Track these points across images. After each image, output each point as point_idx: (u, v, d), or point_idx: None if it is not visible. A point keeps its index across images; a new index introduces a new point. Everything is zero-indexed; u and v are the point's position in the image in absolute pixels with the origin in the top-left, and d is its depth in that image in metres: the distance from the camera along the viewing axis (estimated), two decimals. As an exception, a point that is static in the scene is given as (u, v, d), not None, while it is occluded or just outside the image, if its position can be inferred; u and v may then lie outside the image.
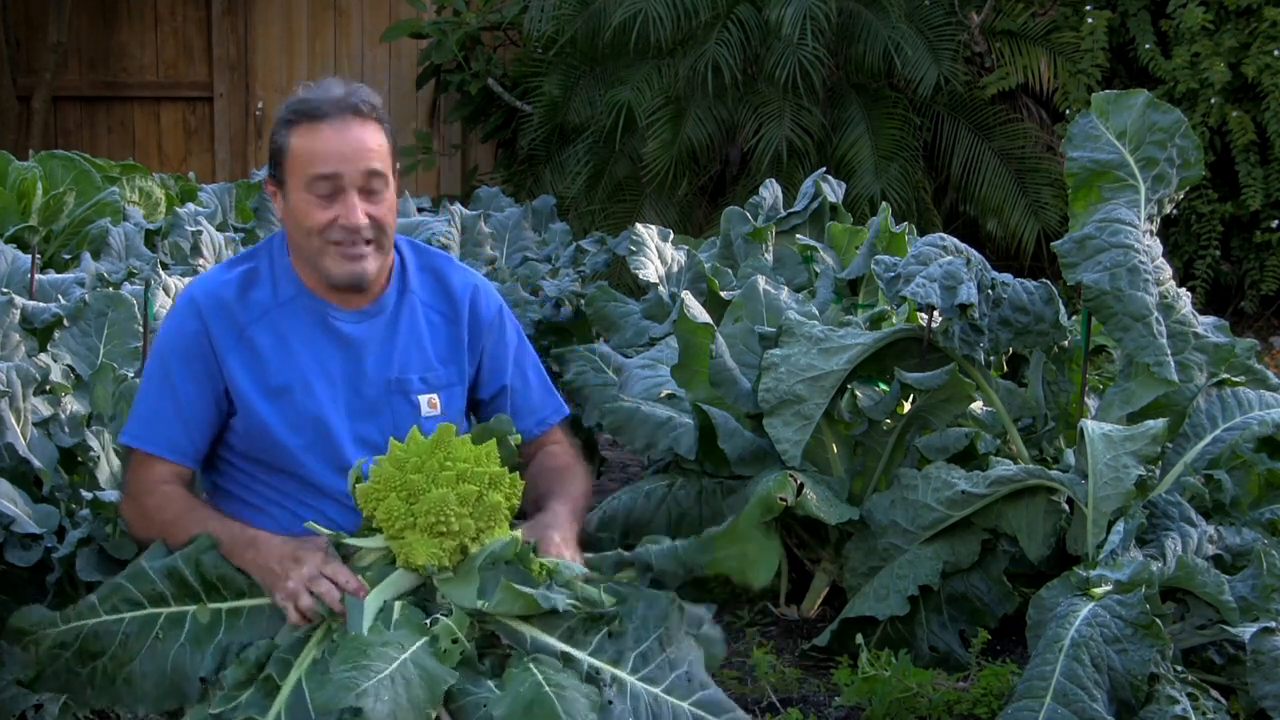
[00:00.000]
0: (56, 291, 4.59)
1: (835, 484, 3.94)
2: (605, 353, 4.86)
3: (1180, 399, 3.74)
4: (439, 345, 2.69)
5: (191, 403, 2.57)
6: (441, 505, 2.31)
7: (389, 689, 2.13)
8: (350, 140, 2.53)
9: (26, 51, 11.18)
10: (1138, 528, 3.31)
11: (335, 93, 2.56)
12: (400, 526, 2.34)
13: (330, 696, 2.12)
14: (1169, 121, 3.85)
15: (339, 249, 2.55)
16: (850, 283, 4.81)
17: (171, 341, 2.60)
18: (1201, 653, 3.35)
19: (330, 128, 2.53)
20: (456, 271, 2.77)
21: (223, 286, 2.61)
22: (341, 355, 2.61)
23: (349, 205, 2.53)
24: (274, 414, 2.56)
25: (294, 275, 2.63)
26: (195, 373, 2.57)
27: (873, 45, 8.78)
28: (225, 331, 2.58)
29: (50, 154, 7.27)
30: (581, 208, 9.34)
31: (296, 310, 2.61)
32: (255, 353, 2.58)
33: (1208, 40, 8.47)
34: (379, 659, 2.17)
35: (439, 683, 2.19)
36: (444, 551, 2.33)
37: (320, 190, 2.53)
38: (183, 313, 2.61)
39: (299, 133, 2.54)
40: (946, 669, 3.70)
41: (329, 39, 11.34)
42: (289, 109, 2.57)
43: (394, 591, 2.35)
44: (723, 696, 2.31)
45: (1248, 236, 8.82)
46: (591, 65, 9.58)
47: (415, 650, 2.22)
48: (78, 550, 3.00)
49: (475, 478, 2.36)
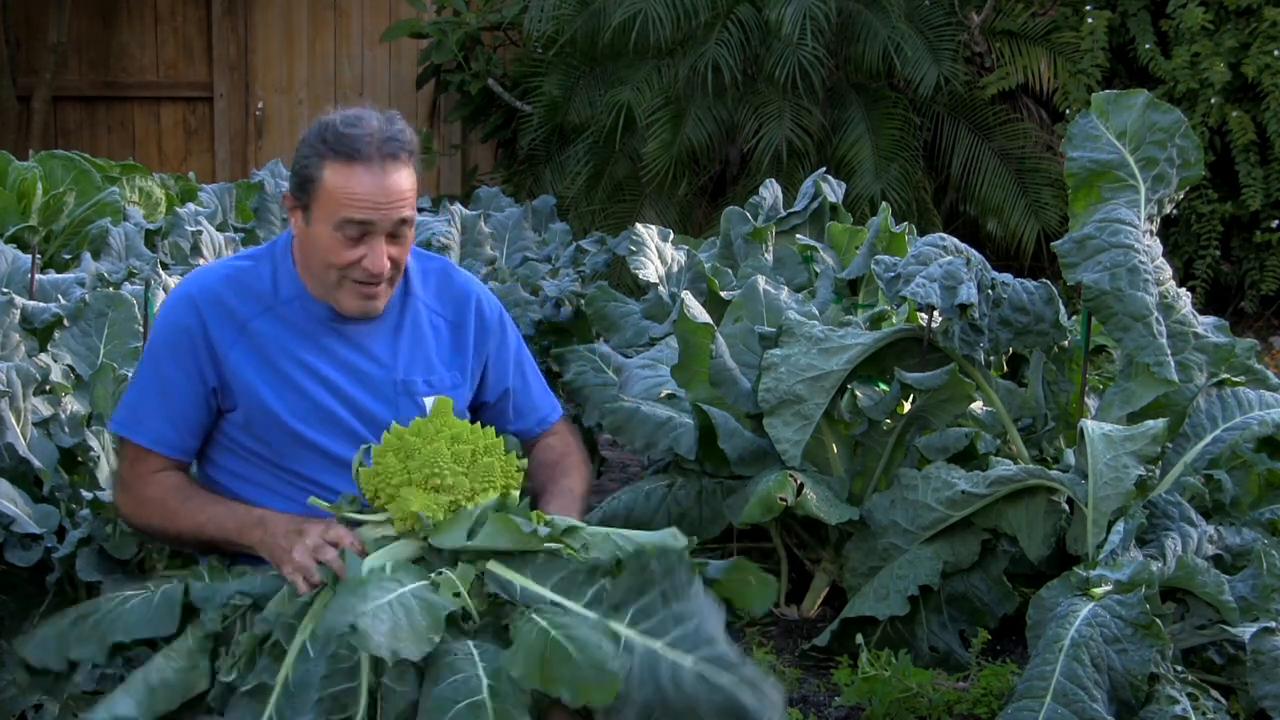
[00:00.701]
0: (56, 291, 4.59)
1: (835, 484, 3.94)
2: (605, 353, 4.86)
3: (1180, 399, 3.74)
4: (443, 349, 2.71)
5: (181, 397, 2.57)
6: (435, 459, 2.33)
7: (388, 612, 2.13)
8: (387, 188, 2.50)
9: (26, 51, 11.17)
10: (1138, 528, 3.31)
11: (374, 128, 2.51)
12: (397, 483, 2.35)
13: (331, 621, 2.11)
14: (1169, 121, 3.85)
15: (357, 287, 2.56)
16: (850, 283, 4.81)
17: (165, 336, 2.59)
18: (1201, 653, 3.35)
19: (368, 172, 2.49)
20: (459, 277, 2.78)
21: (221, 282, 2.61)
22: (347, 351, 2.62)
23: (376, 252, 2.52)
24: (281, 402, 2.56)
25: (296, 279, 2.63)
26: (186, 368, 2.56)
27: (873, 45, 8.78)
28: (225, 327, 2.57)
29: (50, 154, 7.28)
30: (581, 208, 9.34)
31: (297, 311, 2.61)
32: (260, 345, 2.58)
33: (1208, 40, 8.47)
34: (378, 590, 2.17)
35: (440, 610, 2.18)
36: (439, 506, 2.34)
37: (349, 233, 2.51)
38: (178, 308, 2.60)
39: (334, 168, 2.50)
40: (946, 669, 3.70)
41: (329, 39, 11.33)
42: (325, 138, 2.52)
43: (393, 558, 2.35)
44: (733, 653, 2.11)
45: (1248, 236, 8.82)
46: (591, 65, 9.58)
47: (415, 586, 2.22)
48: (78, 550, 3.00)
49: (470, 440, 2.38)
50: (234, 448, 2.64)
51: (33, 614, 3.12)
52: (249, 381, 2.56)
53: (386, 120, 2.55)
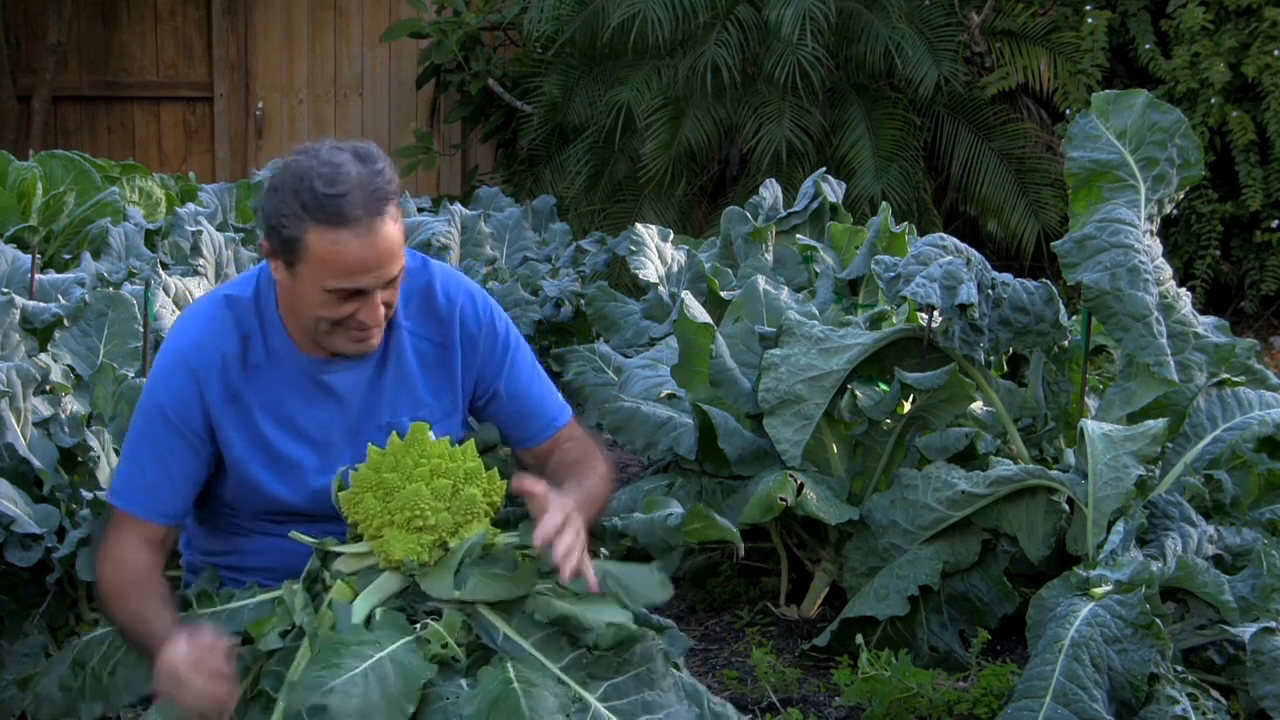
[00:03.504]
0: (56, 291, 4.59)
1: (835, 484, 3.94)
2: (605, 353, 4.86)
3: (1180, 399, 3.74)
4: (430, 377, 2.62)
5: (180, 464, 2.49)
6: (415, 500, 2.31)
7: (360, 686, 2.11)
8: (378, 251, 2.36)
9: (26, 51, 11.17)
10: (1138, 528, 3.31)
11: (354, 182, 2.34)
12: (378, 525, 2.34)
13: (298, 697, 2.10)
14: (1169, 121, 3.85)
15: (351, 334, 2.45)
16: (850, 283, 4.81)
17: (161, 403, 2.49)
18: (1201, 653, 3.35)
19: (356, 238, 2.34)
20: (441, 290, 2.63)
21: (217, 339, 2.50)
22: (333, 409, 2.55)
23: (371, 305, 2.41)
24: (269, 476, 2.52)
25: (282, 330, 2.53)
26: (185, 436, 2.49)
27: (873, 45, 8.78)
28: (219, 394, 2.49)
29: (50, 154, 7.28)
30: (581, 208, 9.34)
31: (287, 368, 2.53)
32: (248, 416, 2.51)
33: (1208, 40, 8.47)
34: (353, 656, 2.16)
35: (416, 678, 2.17)
36: (422, 547, 2.32)
37: (341, 296, 2.40)
38: (174, 371, 2.50)
39: (319, 233, 2.34)
40: (946, 669, 3.70)
41: (329, 39, 11.33)
42: (305, 200, 2.34)
43: (380, 595, 2.33)
44: None
45: (1248, 236, 8.82)
46: (591, 65, 9.58)
47: (395, 648, 2.20)
48: (78, 550, 3.00)
49: (449, 472, 2.35)
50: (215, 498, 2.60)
51: (33, 614, 3.12)
52: (236, 451, 2.51)
53: (366, 166, 2.37)
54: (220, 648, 2.23)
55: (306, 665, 2.18)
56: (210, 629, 2.29)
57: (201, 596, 2.47)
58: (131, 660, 2.40)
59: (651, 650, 2.27)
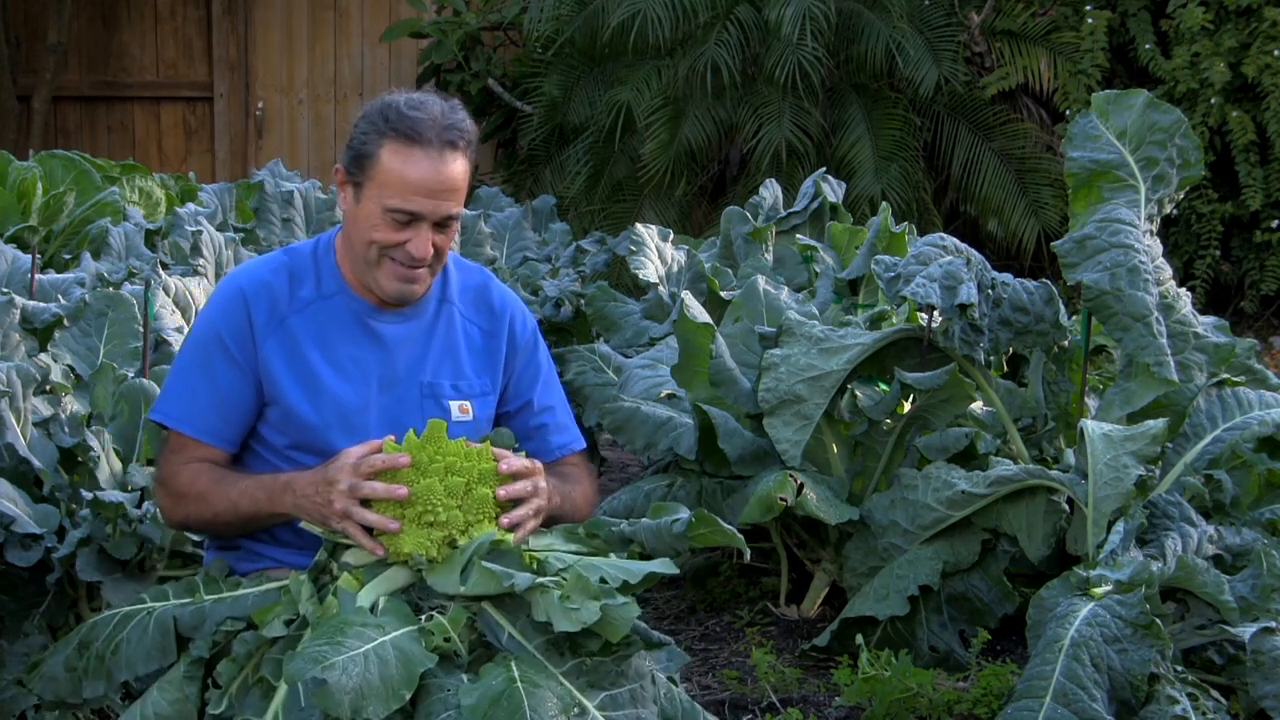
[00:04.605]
0: (56, 291, 4.59)
1: (835, 484, 3.94)
2: (605, 353, 4.86)
3: (1180, 399, 3.74)
4: (475, 356, 2.73)
5: (231, 388, 2.59)
6: (428, 495, 2.33)
7: (360, 665, 2.11)
8: (442, 178, 2.53)
9: (26, 51, 11.18)
10: (1138, 528, 3.31)
11: (436, 114, 2.55)
12: (390, 518, 2.35)
13: (298, 668, 2.10)
14: (1169, 121, 3.85)
15: (396, 267, 2.58)
16: (850, 283, 4.81)
17: (215, 326, 2.61)
18: (1201, 653, 3.35)
19: (426, 158, 2.52)
20: (497, 294, 2.80)
21: (272, 275, 2.65)
22: (377, 354, 2.65)
23: (421, 238, 2.56)
24: (306, 402, 2.59)
25: (338, 274, 2.67)
26: (235, 360, 2.59)
27: (873, 45, 8.78)
28: (267, 319, 2.60)
29: (50, 154, 7.28)
30: (581, 208, 9.34)
31: (337, 307, 2.65)
32: (293, 342, 2.61)
33: (1208, 40, 8.47)
34: (356, 637, 2.17)
35: (417, 666, 2.17)
36: (432, 542, 2.33)
37: (398, 217, 2.54)
38: (229, 299, 2.62)
39: (393, 149, 2.53)
40: (946, 669, 3.70)
41: (329, 39, 11.34)
42: (387, 116, 2.54)
43: (386, 588, 2.35)
44: None
45: (1248, 236, 8.82)
46: (591, 65, 9.58)
47: (398, 635, 2.21)
48: (78, 550, 3.00)
49: (464, 471, 2.37)
50: (260, 452, 2.65)
51: (33, 614, 3.12)
52: (277, 376, 2.59)
53: (449, 108, 2.58)
54: (341, 457, 2.40)
55: (309, 638, 2.19)
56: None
57: (209, 582, 2.49)
58: (134, 638, 2.42)
59: (644, 669, 2.31)
